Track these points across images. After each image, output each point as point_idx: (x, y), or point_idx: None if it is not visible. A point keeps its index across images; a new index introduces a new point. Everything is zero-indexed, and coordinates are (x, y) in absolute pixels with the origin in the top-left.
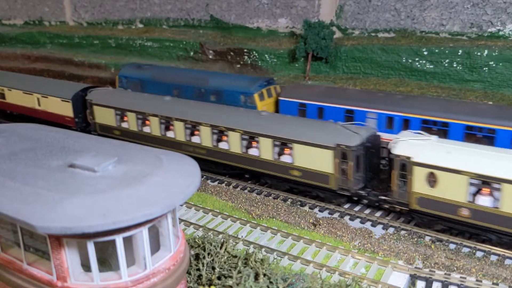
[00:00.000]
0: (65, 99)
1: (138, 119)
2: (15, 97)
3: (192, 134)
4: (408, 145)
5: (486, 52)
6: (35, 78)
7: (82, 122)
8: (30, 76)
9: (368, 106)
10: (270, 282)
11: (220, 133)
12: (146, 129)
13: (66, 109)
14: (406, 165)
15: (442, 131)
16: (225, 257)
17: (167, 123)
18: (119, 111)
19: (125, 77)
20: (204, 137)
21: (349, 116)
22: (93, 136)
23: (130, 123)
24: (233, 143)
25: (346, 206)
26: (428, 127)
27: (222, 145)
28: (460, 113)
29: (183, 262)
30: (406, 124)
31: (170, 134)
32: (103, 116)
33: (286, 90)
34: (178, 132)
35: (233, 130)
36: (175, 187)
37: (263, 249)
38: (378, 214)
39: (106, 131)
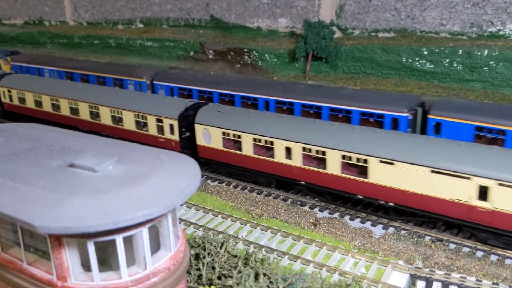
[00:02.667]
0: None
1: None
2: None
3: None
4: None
5: (486, 52)
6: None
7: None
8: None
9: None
10: (270, 282)
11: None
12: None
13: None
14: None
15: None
16: (225, 257)
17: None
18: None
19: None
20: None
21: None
22: (93, 136)
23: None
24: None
25: (346, 206)
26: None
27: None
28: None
29: (183, 262)
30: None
31: None
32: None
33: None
34: None
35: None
36: (175, 187)
37: (263, 249)
38: (378, 214)
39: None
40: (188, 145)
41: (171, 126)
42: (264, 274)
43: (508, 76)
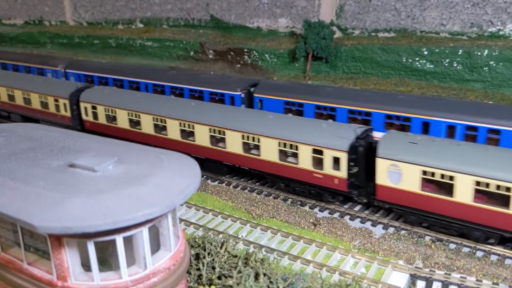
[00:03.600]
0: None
1: None
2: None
3: None
4: None
5: (486, 52)
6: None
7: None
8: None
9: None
10: (270, 282)
11: None
12: None
13: None
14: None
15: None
16: (225, 257)
17: None
18: None
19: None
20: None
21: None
22: (93, 136)
23: None
24: None
25: (346, 206)
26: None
27: None
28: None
29: (183, 262)
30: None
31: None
32: None
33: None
34: None
35: None
36: (175, 187)
37: (263, 249)
38: (378, 214)
39: None
40: (356, 184)
41: (336, 160)
42: (264, 274)
43: (508, 76)
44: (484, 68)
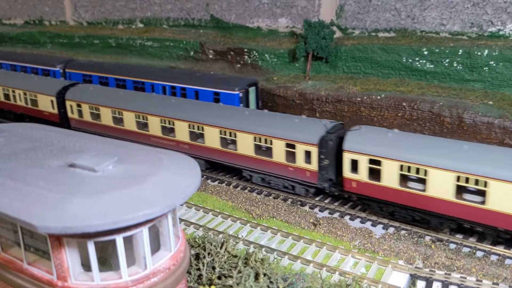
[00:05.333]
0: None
1: None
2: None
3: None
4: None
5: (486, 51)
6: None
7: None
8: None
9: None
10: (271, 282)
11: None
12: None
13: None
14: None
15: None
16: (225, 257)
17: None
18: None
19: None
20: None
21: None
22: (93, 136)
23: None
24: None
25: (347, 206)
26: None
27: None
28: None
29: (183, 261)
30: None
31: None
32: None
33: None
34: None
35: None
36: (175, 187)
37: (263, 249)
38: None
39: None
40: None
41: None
42: (264, 274)
43: (508, 76)
44: (484, 68)
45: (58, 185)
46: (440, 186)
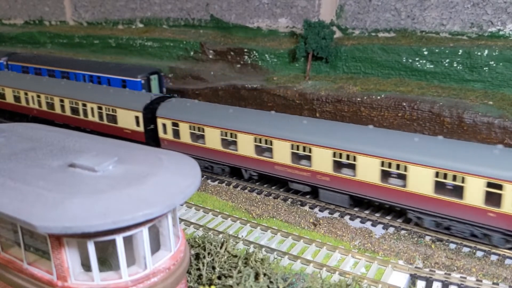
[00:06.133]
0: None
1: None
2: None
3: None
4: None
5: (486, 52)
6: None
7: None
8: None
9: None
10: (270, 282)
11: None
12: None
13: None
14: None
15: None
16: (225, 257)
17: None
18: None
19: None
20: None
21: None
22: (93, 135)
23: None
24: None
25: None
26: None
27: None
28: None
29: (183, 261)
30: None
31: None
32: None
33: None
34: None
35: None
36: (175, 187)
37: (263, 249)
38: (378, 214)
39: None
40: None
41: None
42: (264, 274)
43: (508, 76)
44: (484, 68)
45: (58, 185)
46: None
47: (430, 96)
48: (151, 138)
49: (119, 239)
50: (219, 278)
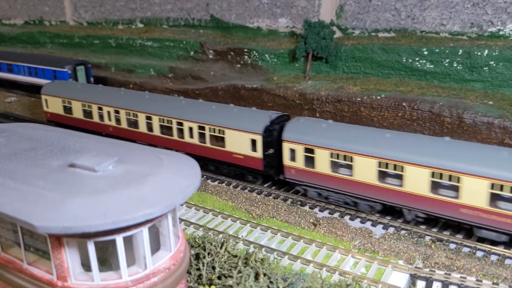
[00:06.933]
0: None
1: None
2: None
3: None
4: None
5: (486, 52)
6: None
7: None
8: None
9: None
10: (270, 282)
11: None
12: None
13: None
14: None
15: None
16: (225, 257)
17: None
18: None
19: None
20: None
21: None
22: (93, 135)
23: None
24: None
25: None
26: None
27: None
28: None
29: (183, 261)
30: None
31: None
32: None
33: None
34: None
35: None
36: (176, 187)
37: (263, 249)
38: (378, 214)
39: None
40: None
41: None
42: (264, 274)
43: (508, 76)
44: (484, 68)
45: (58, 185)
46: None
47: (430, 96)
48: (269, 165)
49: (119, 239)
50: (219, 278)
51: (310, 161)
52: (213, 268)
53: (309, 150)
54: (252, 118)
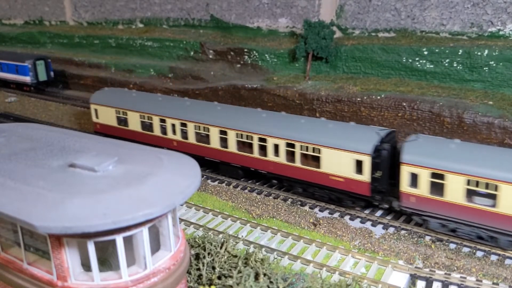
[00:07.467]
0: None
1: None
2: None
3: None
4: None
5: (486, 51)
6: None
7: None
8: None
9: None
10: (270, 282)
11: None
12: None
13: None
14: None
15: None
16: (225, 257)
17: None
18: None
19: None
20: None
21: None
22: (93, 135)
23: None
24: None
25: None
26: None
27: None
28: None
29: (183, 261)
30: None
31: None
32: None
33: None
34: None
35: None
36: (176, 187)
37: (263, 249)
38: (378, 214)
39: None
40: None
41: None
42: (264, 274)
43: (508, 76)
44: (484, 68)
45: (58, 185)
46: None
47: (430, 96)
48: (376, 190)
49: (119, 239)
50: (219, 278)
51: (437, 188)
52: (213, 268)
53: (437, 176)
54: (357, 135)
